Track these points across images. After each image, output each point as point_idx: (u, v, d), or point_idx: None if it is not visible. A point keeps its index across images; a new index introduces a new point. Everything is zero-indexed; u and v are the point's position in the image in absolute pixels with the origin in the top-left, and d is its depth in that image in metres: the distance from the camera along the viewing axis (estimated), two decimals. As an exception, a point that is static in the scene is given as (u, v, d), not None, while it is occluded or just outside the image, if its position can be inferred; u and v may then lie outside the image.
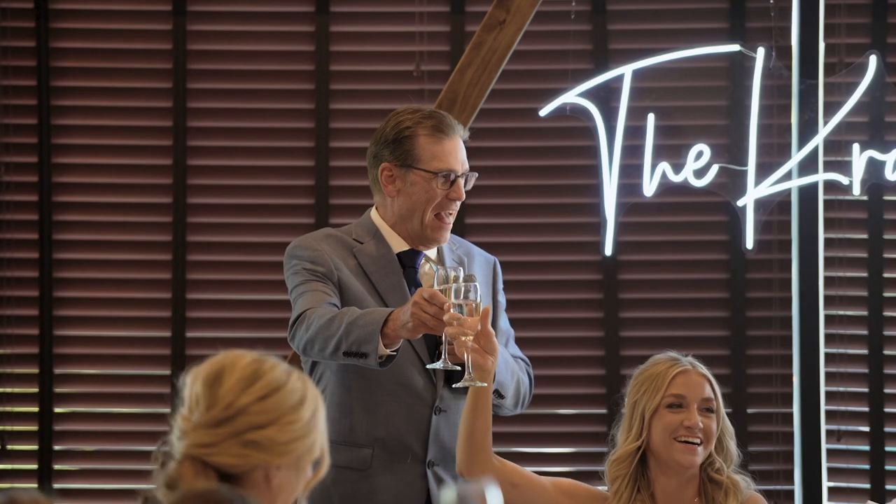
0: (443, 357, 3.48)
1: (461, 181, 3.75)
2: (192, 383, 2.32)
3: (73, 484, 5.68)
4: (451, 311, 3.36)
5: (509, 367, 3.76)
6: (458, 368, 3.51)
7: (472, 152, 5.73)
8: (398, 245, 3.77)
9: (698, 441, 3.40)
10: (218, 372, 2.31)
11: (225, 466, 2.27)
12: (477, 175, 3.81)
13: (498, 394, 3.73)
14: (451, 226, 3.78)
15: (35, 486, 5.65)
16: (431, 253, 3.82)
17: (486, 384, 3.37)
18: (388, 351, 3.49)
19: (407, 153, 3.74)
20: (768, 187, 4.78)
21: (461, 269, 3.59)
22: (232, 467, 2.27)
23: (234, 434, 2.27)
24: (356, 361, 3.53)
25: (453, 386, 3.61)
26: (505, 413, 3.83)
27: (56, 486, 5.67)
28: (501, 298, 3.93)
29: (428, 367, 3.56)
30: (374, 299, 3.71)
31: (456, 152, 3.76)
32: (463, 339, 3.36)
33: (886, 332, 5.60)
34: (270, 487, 2.30)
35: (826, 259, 5.06)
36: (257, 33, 5.76)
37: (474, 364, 3.37)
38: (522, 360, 3.89)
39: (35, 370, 5.67)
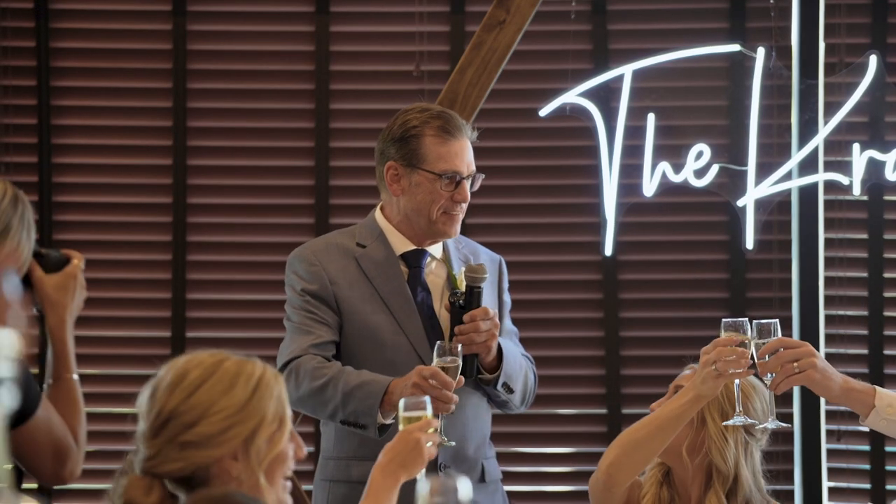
0: (440, 434, 3.37)
1: (466, 183, 3.76)
2: (140, 397, 2.32)
3: (72, 484, 5.67)
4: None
5: (517, 360, 3.78)
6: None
7: (473, 152, 5.74)
8: (402, 245, 3.78)
9: None
10: (158, 381, 2.30)
11: (173, 473, 2.26)
12: (483, 176, 3.82)
13: (508, 388, 3.74)
14: (461, 219, 3.79)
15: (35, 485, 5.66)
16: (437, 252, 3.83)
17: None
18: (387, 420, 3.56)
19: (413, 153, 3.74)
20: (768, 187, 4.78)
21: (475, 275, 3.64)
22: (179, 472, 2.25)
23: (170, 439, 2.26)
24: (353, 430, 3.61)
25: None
26: (512, 410, 3.84)
27: (56, 486, 5.66)
28: (507, 298, 3.94)
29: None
30: (377, 305, 3.71)
31: (462, 154, 3.76)
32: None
33: (886, 332, 5.60)
34: (232, 479, 2.26)
35: (826, 259, 5.06)
36: (257, 33, 5.76)
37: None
38: (527, 357, 3.90)
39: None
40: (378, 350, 3.69)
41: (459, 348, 3.50)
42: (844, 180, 4.74)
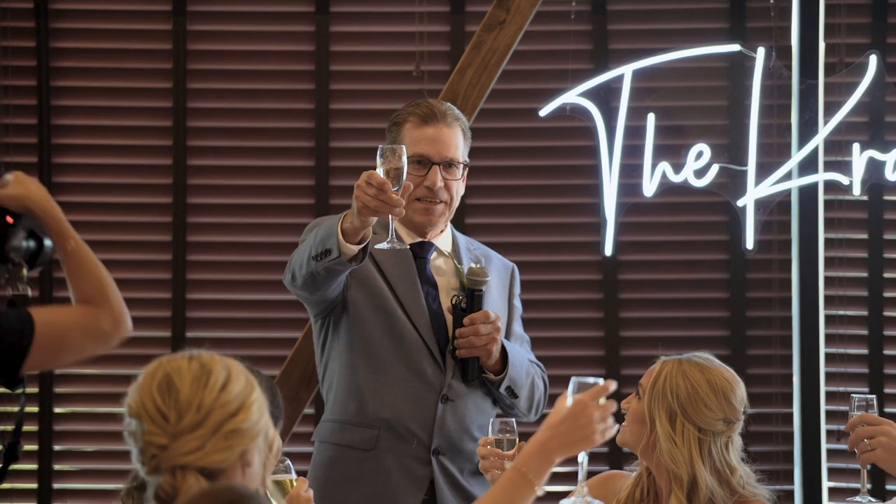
0: (390, 236, 3.50)
1: (438, 168, 3.74)
2: (142, 401, 2.31)
3: (72, 484, 5.68)
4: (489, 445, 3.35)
5: (524, 366, 3.78)
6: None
7: (472, 152, 5.74)
8: (408, 238, 3.79)
9: (624, 422, 3.39)
10: (167, 380, 2.32)
11: (213, 464, 2.29)
12: (463, 166, 3.79)
13: (511, 392, 3.74)
14: (441, 210, 3.77)
15: (35, 486, 5.66)
16: (445, 246, 3.83)
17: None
18: (353, 248, 3.49)
19: (395, 141, 3.77)
20: (768, 187, 4.78)
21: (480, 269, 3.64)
22: (219, 463, 2.29)
23: (215, 430, 2.29)
24: (327, 263, 3.52)
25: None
26: (520, 417, 3.84)
27: (56, 486, 5.67)
28: (517, 303, 3.95)
29: (377, 246, 3.55)
30: (385, 285, 3.73)
31: (436, 139, 3.75)
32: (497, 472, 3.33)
33: (886, 332, 5.60)
34: (246, 471, 2.33)
35: (826, 259, 5.06)
36: (257, 33, 5.76)
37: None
38: (537, 364, 3.90)
39: (35, 370, 5.66)
40: (387, 320, 3.71)
41: (404, 149, 3.44)
42: (844, 180, 4.74)
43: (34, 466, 5.66)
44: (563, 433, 2.61)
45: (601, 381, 2.64)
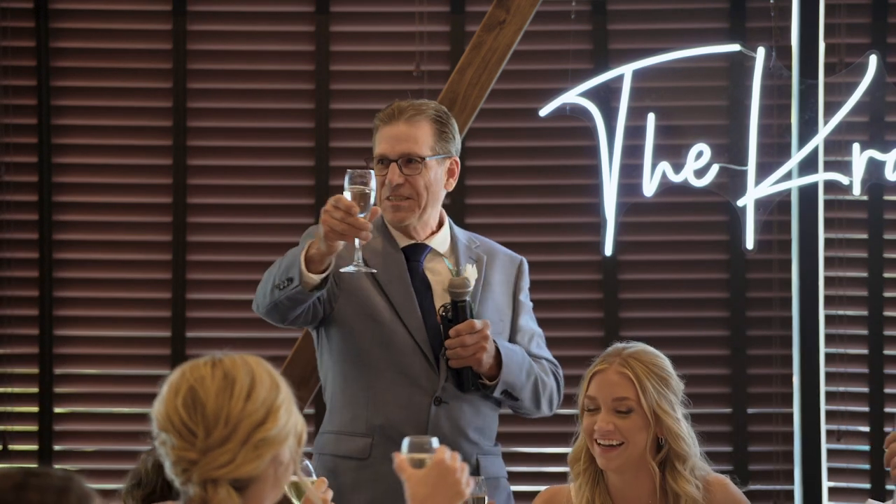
0: (356, 259, 3.51)
1: (395, 165, 3.72)
2: (168, 416, 2.32)
3: (73, 484, 5.67)
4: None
5: (522, 367, 3.76)
6: (372, 270, 3.60)
7: (472, 152, 5.75)
8: (402, 240, 3.79)
9: (614, 443, 3.36)
10: (191, 394, 2.32)
11: (245, 474, 2.30)
12: (434, 160, 3.76)
13: (510, 395, 3.73)
14: (408, 206, 3.75)
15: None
16: (442, 246, 3.82)
17: None
18: (315, 278, 3.49)
19: (374, 146, 3.79)
20: (768, 187, 4.78)
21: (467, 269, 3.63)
22: (251, 472, 2.30)
23: (244, 441, 2.30)
24: (289, 293, 3.54)
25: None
26: (530, 415, 3.84)
27: (56, 486, 5.66)
28: (524, 299, 3.94)
29: (342, 270, 3.57)
30: (376, 291, 3.73)
31: (392, 137, 3.75)
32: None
33: (886, 332, 5.60)
34: (278, 470, 2.34)
35: (826, 259, 5.06)
36: (257, 33, 5.76)
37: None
38: (550, 361, 3.89)
39: (35, 370, 5.67)
40: (376, 328, 3.70)
41: (372, 174, 3.47)
42: (844, 180, 4.74)
43: (34, 466, 5.65)
44: (441, 500, 2.61)
45: (434, 439, 2.64)
